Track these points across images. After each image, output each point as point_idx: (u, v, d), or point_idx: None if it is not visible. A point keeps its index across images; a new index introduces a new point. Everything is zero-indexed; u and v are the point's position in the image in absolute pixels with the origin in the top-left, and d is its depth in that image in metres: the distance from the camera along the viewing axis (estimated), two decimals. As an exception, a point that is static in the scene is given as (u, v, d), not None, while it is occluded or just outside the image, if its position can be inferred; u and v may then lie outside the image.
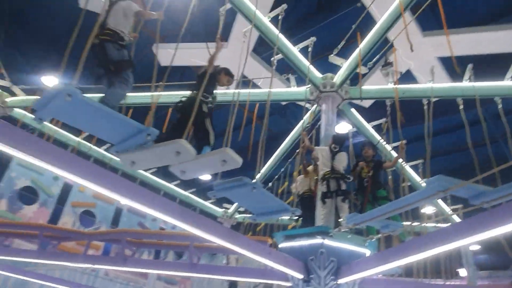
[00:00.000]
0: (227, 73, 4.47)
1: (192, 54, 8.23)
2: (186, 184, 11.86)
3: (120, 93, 3.61)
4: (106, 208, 10.31)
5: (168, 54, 7.19)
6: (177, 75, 10.61)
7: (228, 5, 6.06)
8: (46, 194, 9.30)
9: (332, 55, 7.02)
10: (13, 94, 8.71)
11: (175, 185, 11.51)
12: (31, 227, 6.56)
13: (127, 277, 10.33)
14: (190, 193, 11.89)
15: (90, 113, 2.98)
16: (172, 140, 3.17)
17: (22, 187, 9.06)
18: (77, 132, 8.92)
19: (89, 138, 8.89)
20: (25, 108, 8.40)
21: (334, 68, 7.36)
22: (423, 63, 7.97)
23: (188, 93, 4.24)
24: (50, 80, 10.43)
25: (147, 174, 10.61)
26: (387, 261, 3.97)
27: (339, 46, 6.91)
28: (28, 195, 9.37)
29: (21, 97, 8.24)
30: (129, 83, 3.73)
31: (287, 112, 13.78)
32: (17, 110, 8.34)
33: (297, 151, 9.20)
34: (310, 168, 6.36)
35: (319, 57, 9.52)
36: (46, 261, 6.54)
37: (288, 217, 8.18)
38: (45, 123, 8.59)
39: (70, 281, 8.98)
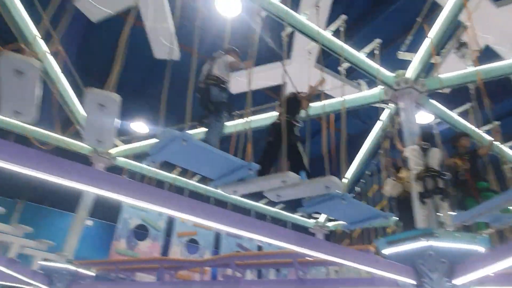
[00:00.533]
0: (308, 98, 4.81)
1: (258, 77, 8.65)
2: (274, 201, 12.21)
3: (217, 130, 4.14)
4: (206, 234, 11.11)
5: (237, 82, 7.67)
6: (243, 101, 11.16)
7: (290, 29, 6.35)
8: (155, 229, 10.36)
9: (400, 51, 6.90)
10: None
11: (264, 203, 11.94)
12: (151, 261, 7.35)
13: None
14: (280, 209, 12.21)
15: (196, 153, 3.35)
16: (280, 173, 3.48)
17: (135, 226, 10.23)
18: (170, 168, 9.82)
19: (182, 173, 9.75)
20: (126, 156, 9.54)
21: (396, 61, 7.16)
22: (503, 35, 7.42)
23: (267, 115, 4.62)
24: (139, 126, 11.67)
25: (236, 197, 11.17)
26: (508, 256, 3.77)
27: (407, 41, 6.77)
28: (141, 232, 10.53)
29: (121, 147, 9.37)
30: (223, 121, 4.26)
31: (360, 112, 13.57)
32: (119, 158, 9.48)
33: (379, 151, 9.06)
34: (403, 173, 6.20)
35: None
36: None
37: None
38: (144, 165, 9.62)
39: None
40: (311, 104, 6.07)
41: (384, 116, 8.25)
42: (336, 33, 6.68)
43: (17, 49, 6.48)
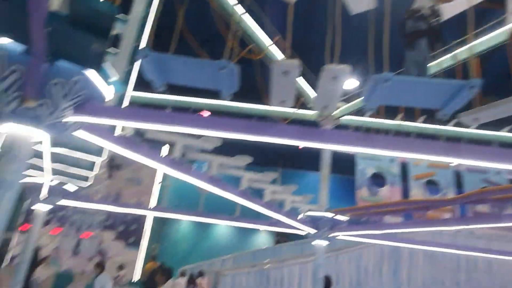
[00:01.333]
0: None
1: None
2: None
3: (413, 59, 4.01)
4: (445, 173, 10.77)
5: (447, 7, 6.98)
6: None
7: None
8: (390, 175, 10.88)
9: None
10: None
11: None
12: (398, 204, 7.93)
13: (492, 233, 10.22)
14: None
15: (405, 88, 3.33)
16: None
17: (372, 174, 11.05)
18: (392, 116, 9.97)
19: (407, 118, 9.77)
20: (349, 114, 10.34)
21: None
22: None
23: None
24: (352, 83, 12.23)
25: (472, 130, 10.25)
26: None
27: None
28: (378, 179, 11.28)
29: (343, 107, 10.20)
30: (420, 48, 4.08)
31: None
32: (344, 118, 10.37)
33: None
34: None
35: None
36: (417, 229, 7.68)
37: None
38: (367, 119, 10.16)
39: (433, 241, 9.87)
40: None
41: None
42: None
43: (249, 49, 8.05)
